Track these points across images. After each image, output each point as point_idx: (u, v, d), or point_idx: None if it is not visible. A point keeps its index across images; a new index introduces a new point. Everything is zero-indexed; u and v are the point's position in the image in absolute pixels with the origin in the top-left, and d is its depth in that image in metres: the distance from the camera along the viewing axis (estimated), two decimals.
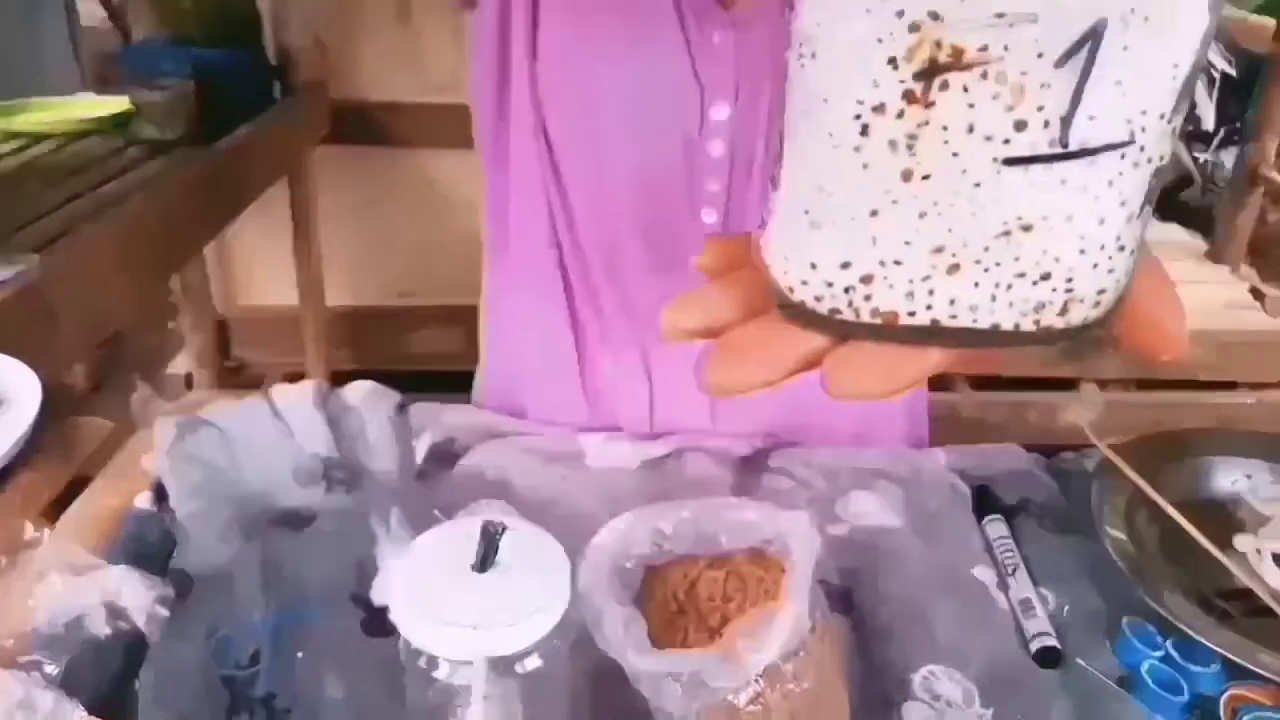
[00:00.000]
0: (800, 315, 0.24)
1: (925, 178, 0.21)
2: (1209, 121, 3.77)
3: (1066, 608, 0.56)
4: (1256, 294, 2.16)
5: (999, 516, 0.62)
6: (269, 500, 0.61)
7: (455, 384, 0.84)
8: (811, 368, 0.24)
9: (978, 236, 0.22)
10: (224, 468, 0.62)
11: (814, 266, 0.23)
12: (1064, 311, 0.23)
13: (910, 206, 0.22)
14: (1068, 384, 2.04)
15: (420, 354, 2.31)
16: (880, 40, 0.20)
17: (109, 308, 1.12)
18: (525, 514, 0.59)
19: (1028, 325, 0.23)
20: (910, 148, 0.21)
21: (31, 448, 0.68)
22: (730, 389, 0.24)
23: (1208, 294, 2.17)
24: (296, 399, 0.67)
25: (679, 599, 0.45)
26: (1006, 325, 0.23)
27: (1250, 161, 2.33)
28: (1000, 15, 0.19)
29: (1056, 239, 0.22)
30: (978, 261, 0.22)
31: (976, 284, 0.22)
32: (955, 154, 0.21)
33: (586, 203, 0.67)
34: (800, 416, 0.73)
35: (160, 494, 0.60)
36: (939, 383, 2.07)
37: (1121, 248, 0.23)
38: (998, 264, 0.22)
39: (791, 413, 0.73)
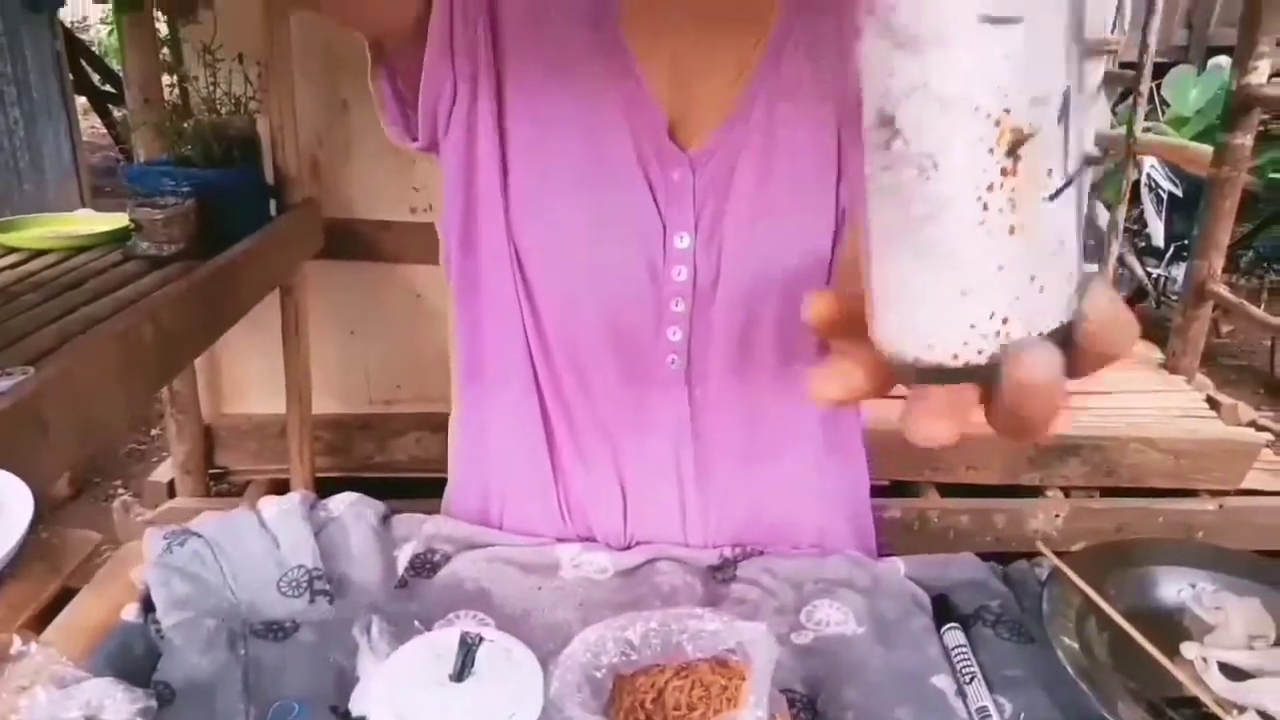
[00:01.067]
0: (945, 375, 0.31)
1: (1021, 227, 0.29)
2: (1159, 238, 3.96)
3: (1022, 715, 0.58)
4: (1213, 403, 2.23)
5: (956, 625, 0.65)
6: (253, 611, 0.63)
7: (436, 488, 0.87)
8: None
9: (1045, 258, 0.30)
10: (210, 579, 0.64)
11: (973, 326, 0.30)
12: (1075, 300, 0.31)
13: (1018, 252, 0.29)
14: (1033, 491, 2.08)
15: (402, 460, 2.33)
16: (981, 139, 0.28)
17: (100, 419, 1.15)
18: (502, 623, 0.61)
19: (1067, 317, 0.31)
20: (1012, 208, 0.29)
21: (20, 558, 0.70)
22: (937, 440, 0.31)
23: (1165, 403, 2.24)
24: (283, 511, 0.69)
25: (646, 707, 0.47)
26: (1061, 320, 0.31)
27: (1198, 277, 2.45)
28: (1036, 99, 0.28)
29: (1073, 243, 0.30)
30: (1048, 276, 0.30)
31: (1045, 290, 0.30)
32: (1032, 203, 0.29)
33: (559, 326, 0.72)
34: (763, 527, 0.77)
35: (147, 605, 0.62)
36: (908, 490, 2.11)
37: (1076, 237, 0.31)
38: (1053, 273, 0.30)
39: (754, 524, 0.77)
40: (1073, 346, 0.31)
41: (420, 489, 0.86)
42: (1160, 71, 4.19)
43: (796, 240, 0.70)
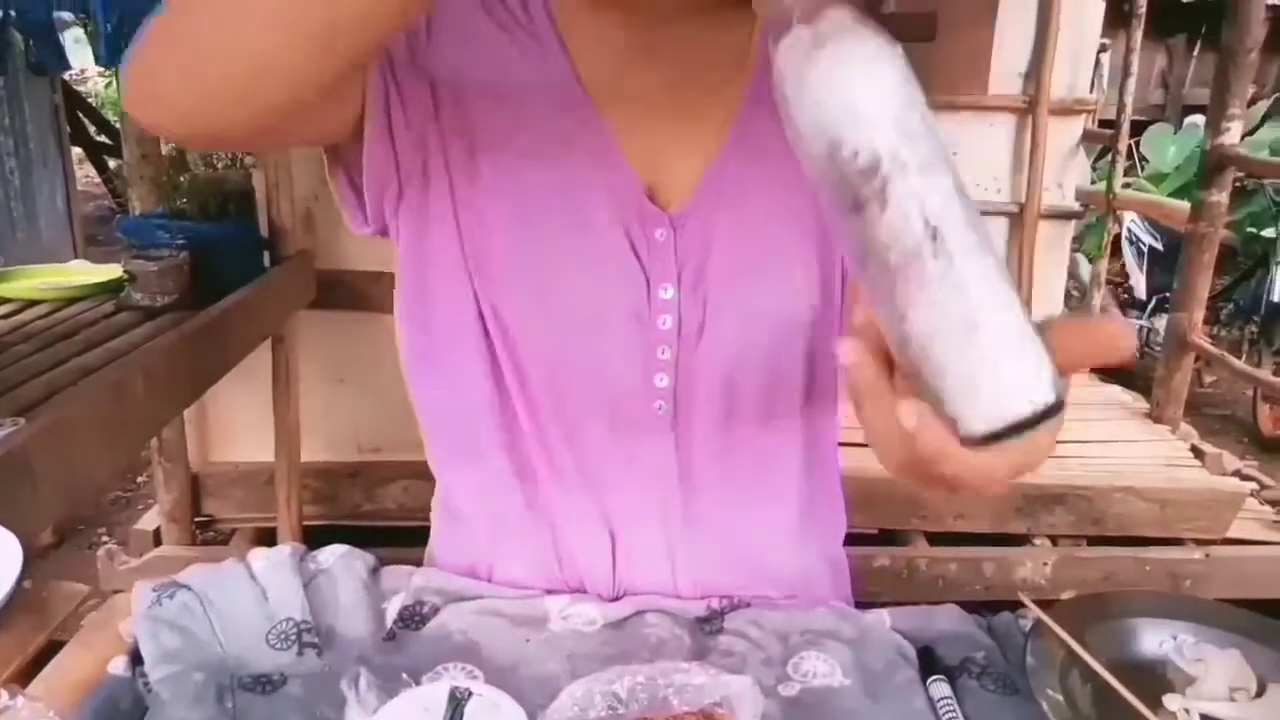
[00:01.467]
0: (1026, 424, 0.36)
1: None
2: (1141, 290, 4.03)
3: None
4: (1197, 452, 2.26)
5: (942, 677, 0.65)
6: (241, 663, 0.63)
7: (424, 536, 0.87)
8: None
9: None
10: (199, 632, 0.64)
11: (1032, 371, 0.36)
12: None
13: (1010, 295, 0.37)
14: (1021, 539, 2.08)
15: (390, 509, 2.32)
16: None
17: (89, 470, 1.15)
18: (491, 676, 0.62)
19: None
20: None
21: (6, 610, 0.70)
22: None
23: (1149, 452, 2.26)
24: (273, 563, 0.70)
25: None
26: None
27: (1179, 329, 2.50)
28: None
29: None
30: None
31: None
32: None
33: (545, 381, 0.73)
34: (748, 570, 0.77)
35: (135, 658, 0.62)
36: (897, 539, 2.11)
37: None
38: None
39: (739, 567, 0.77)
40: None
41: (408, 537, 0.86)
42: (1138, 129, 4.31)
43: (780, 291, 0.72)
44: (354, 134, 0.66)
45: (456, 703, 0.43)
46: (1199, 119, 4.40)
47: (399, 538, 0.84)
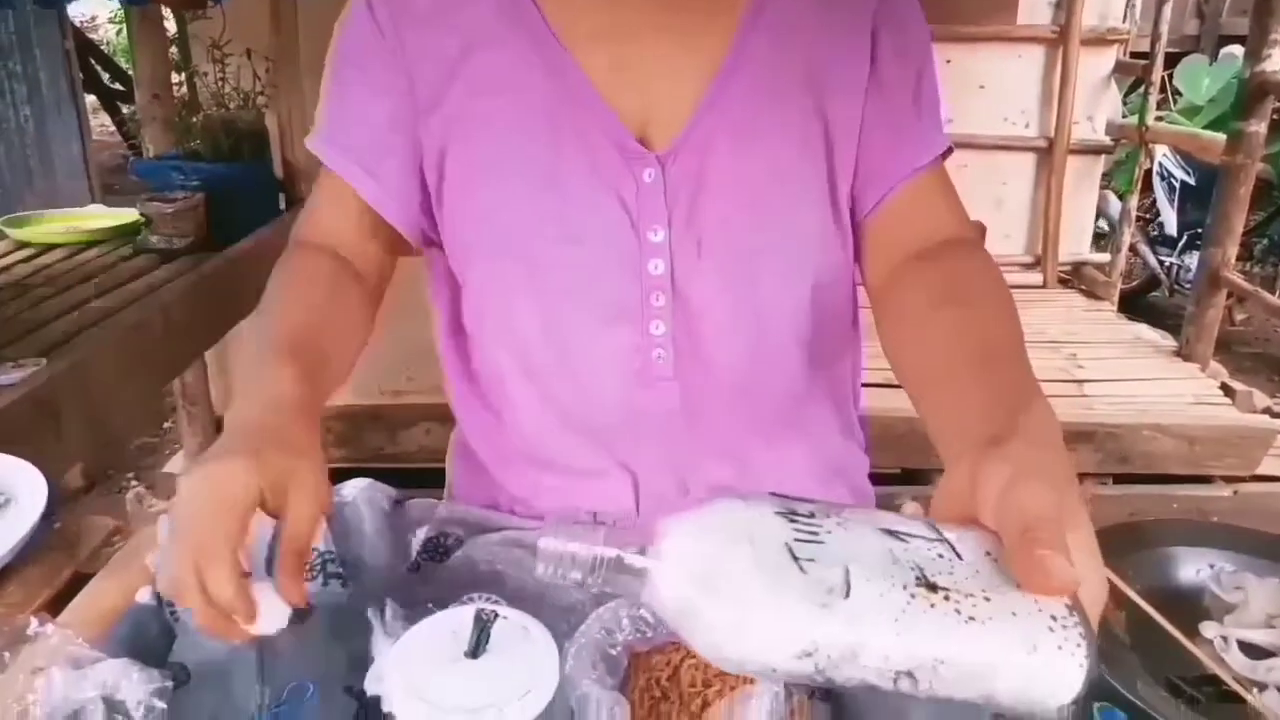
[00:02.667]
0: None
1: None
2: (1172, 227, 3.93)
3: None
4: (1227, 390, 2.22)
5: None
6: None
7: (445, 479, 0.86)
8: None
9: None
10: None
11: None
12: None
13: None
14: None
15: (412, 451, 2.33)
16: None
17: (111, 410, 1.15)
18: (516, 606, 0.61)
19: None
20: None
21: (34, 544, 0.70)
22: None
23: (1179, 390, 2.23)
24: None
25: (662, 684, 0.47)
26: None
27: (1212, 265, 2.43)
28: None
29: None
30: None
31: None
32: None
33: (547, 335, 0.71)
34: None
35: None
36: (919, 478, 2.10)
37: None
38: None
39: None
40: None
41: (431, 479, 0.86)
42: (1172, 61, 4.16)
43: (782, 223, 0.69)
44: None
45: (483, 625, 0.43)
46: (1236, 49, 4.24)
47: (422, 480, 0.84)
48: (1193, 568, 0.70)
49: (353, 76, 0.70)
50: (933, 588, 0.36)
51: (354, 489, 0.74)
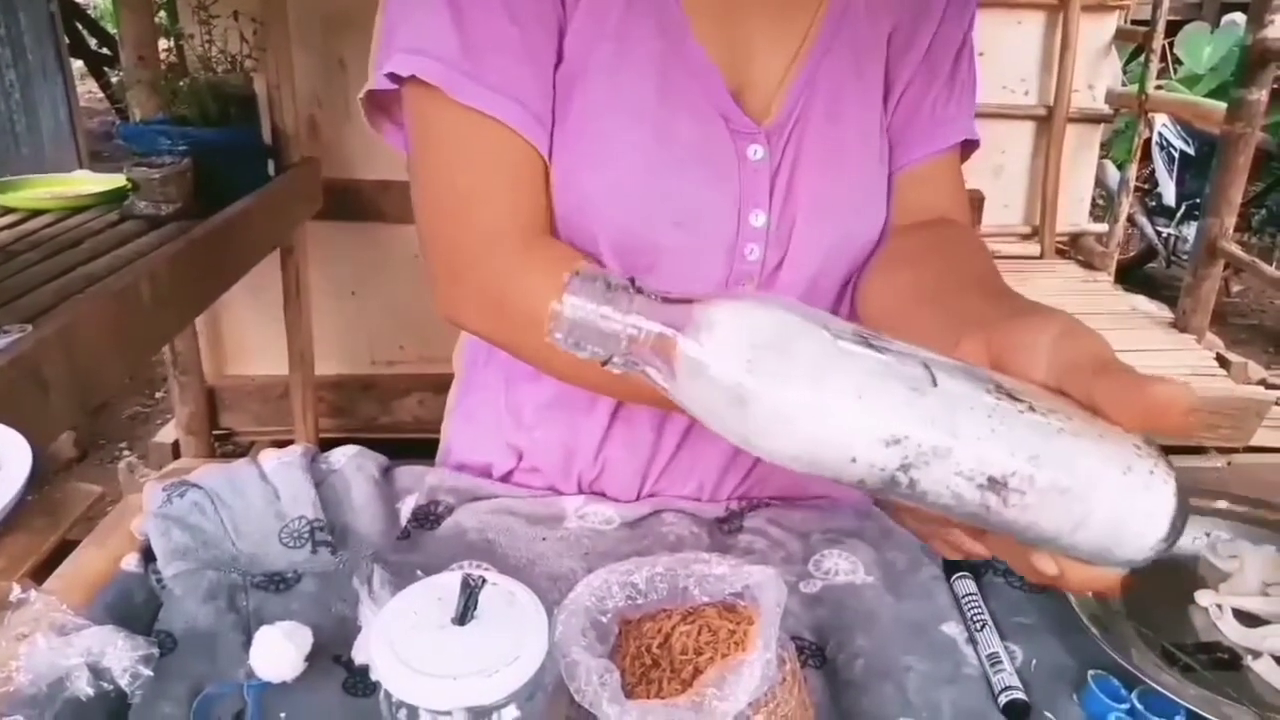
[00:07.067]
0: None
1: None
2: (1170, 197, 3.91)
3: (1034, 662, 0.57)
4: (1222, 361, 2.22)
5: (967, 574, 0.64)
6: (254, 562, 0.62)
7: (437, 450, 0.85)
8: None
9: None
10: (210, 530, 0.63)
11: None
12: None
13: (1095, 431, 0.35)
14: None
15: (405, 421, 2.33)
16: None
17: (99, 377, 1.14)
18: (506, 573, 0.60)
19: None
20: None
21: (20, 511, 0.69)
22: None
23: (1174, 361, 2.23)
24: (284, 462, 0.68)
25: (653, 652, 0.46)
26: None
27: (1210, 235, 2.42)
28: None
29: None
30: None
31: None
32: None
33: None
34: (779, 478, 0.75)
35: (147, 556, 0.61)
36: None
37: None
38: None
39: (771, 477, 0.76)
40: None
41: (424, 450, 0.85)
42: (1173, 29, 4.11)
43: (864, 194, 0.69)
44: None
45: (470, 590, 0.42)
46: (1238, 17, 4.20)
47: (415, 451, 0.83)
48: (1188, 536, 0.69)
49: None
50: (1014, 397, 0.32)
51: (343, 456, 0.73)
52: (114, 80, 5.13)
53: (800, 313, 0.32)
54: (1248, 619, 0.61)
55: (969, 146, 0.73)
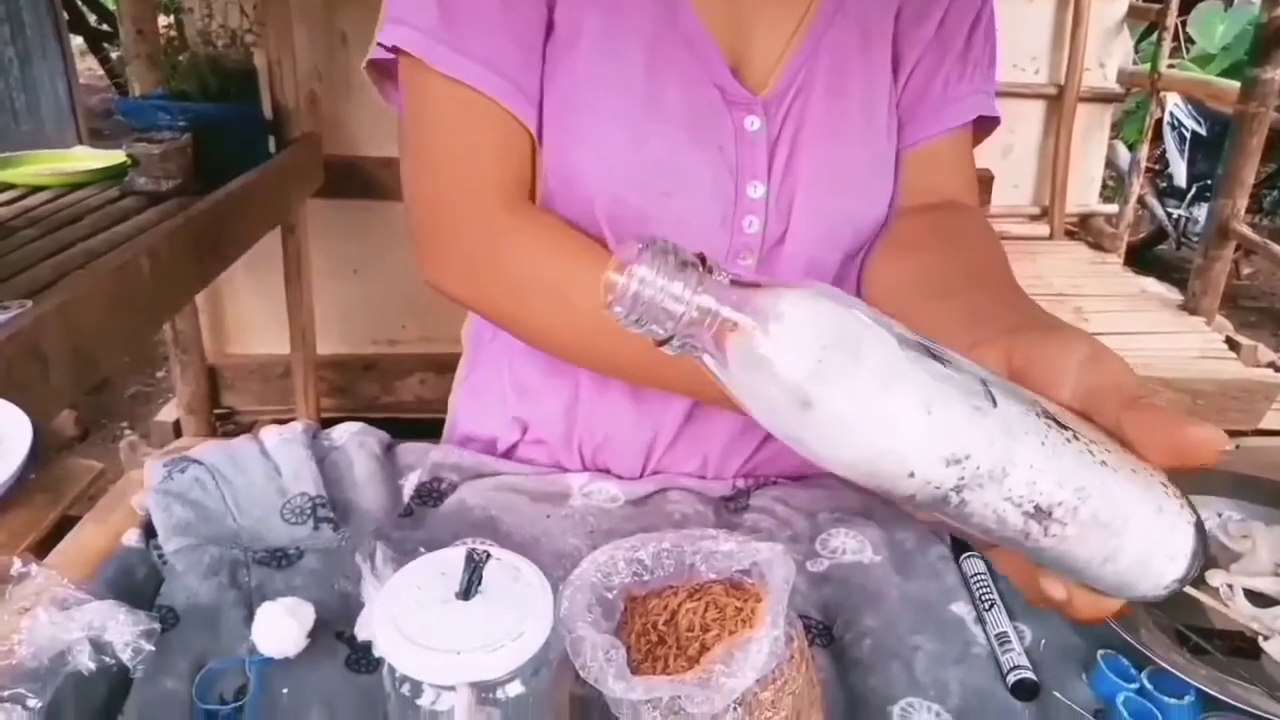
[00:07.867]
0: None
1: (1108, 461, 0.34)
2: (1181, 178, 3.88)
3: (1043, 642, 0.57)
4: (1232, 344, 2.20)
5: (976, 553, 0.63)
6: (256, 538, 0.61)
7: (441, 430, 0.85)
8: None
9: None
10: (212, 506, 0.62)
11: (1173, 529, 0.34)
12: None
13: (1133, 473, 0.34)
14: None
15: (407, 401, 2.32)
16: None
17: (99, 353, 1.13)
18: (511, 550, 0.60)
19: None
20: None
21: (21, 486, 0.69)
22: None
23: (1183, 344, 2.21)
24: (285, 439, 0.68)
25: (659, 629, 0.46)
26: None
27: (1221, 216, 2.40)
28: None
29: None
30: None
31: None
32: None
33: None
34: (786, 458, 0.75)
35: (149, 531, 0.61)
36: None
37: None
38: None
39: (779, 457, 0.75)
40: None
41: (427, 430, 0.84)
42: (1186, 7, 4.06)
43: (862, 199, 0.68)
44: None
45: (474, 565, 0.41)
46: None
47: (418, 431, 0.82)
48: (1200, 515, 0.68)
49: None
50: (1061, 425, 0.32)
51: (345, 432, 0.72)
52: (114, 56, 5.11)
53: (865, 311, 0.31)
54: (1259, 599, 0.60)
55: (989, 124, 0.71)
